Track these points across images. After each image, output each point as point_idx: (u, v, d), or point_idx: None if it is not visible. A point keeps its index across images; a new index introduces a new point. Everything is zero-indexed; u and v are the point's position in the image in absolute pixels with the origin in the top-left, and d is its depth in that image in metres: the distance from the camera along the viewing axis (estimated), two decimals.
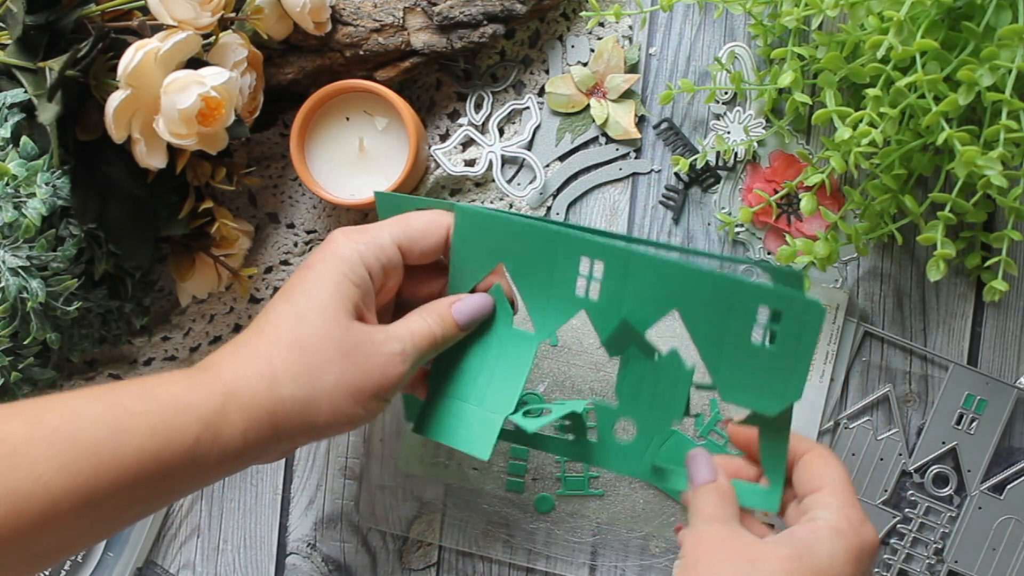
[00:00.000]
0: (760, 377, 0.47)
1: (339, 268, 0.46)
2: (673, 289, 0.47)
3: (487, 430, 0.49)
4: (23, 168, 0.51)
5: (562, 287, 0.49)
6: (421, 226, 0.49)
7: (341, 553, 0.62)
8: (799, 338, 0.46)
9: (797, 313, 0.46)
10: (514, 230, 0.49)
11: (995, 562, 0.58)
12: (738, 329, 0.47)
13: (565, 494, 0.60)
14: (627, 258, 0.47)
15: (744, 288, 0.46)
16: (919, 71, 0.47)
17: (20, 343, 0.52)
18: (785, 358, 0.46)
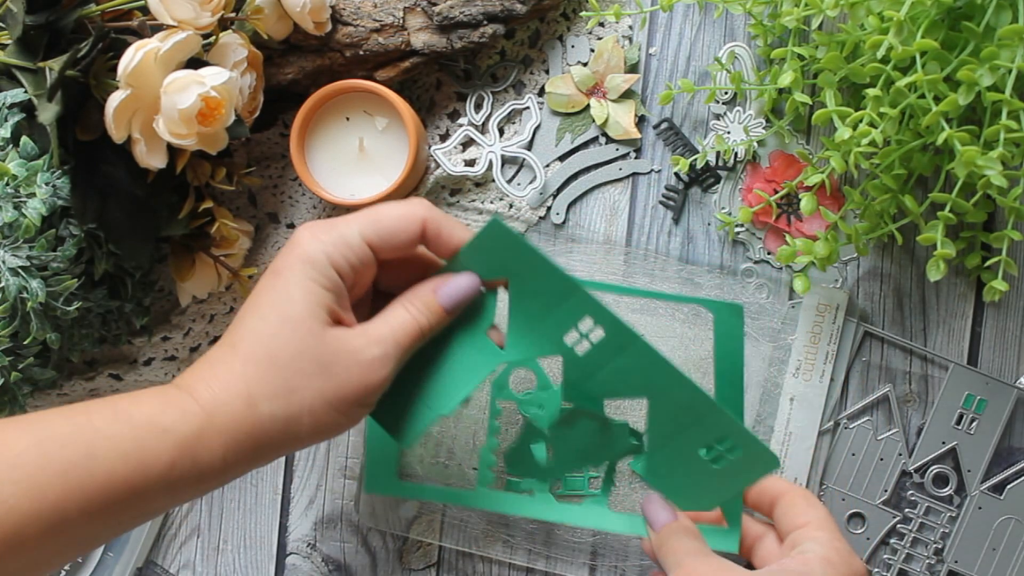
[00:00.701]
0: (689, 482, 0.51)
1: (307, 273, 0.44)
2: (657, 383, 0.49)
3: (416, 421, 0.49)
4: (23, 168, 0.51)
5: (553, 329, 0.49)
6: (392, 221, 0.46)
7: (341, 553, 0.62)
8: (741, 476, 0.50)
9: (753, 459, 0.49)
10: (535, 261, 0.47)
11: (995, 562, 0.58)
12: (692, 439, 0.50)
13: (565, 494, 0.60)
14: (631, 340, 0.48)
15: (722, 417, 0.48)
16: (919, 71, 0.47)
17: (20, 343, 0.52)
18: (719, 482, 0.50)
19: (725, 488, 0.51)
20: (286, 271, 0.44)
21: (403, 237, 0.46)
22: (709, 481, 0.50)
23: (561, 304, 0.48)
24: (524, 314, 0.49)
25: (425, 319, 0.46)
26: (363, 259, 0.45)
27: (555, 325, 0.49)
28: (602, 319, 0.48)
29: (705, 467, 0.50)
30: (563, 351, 0.49)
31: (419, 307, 0.46)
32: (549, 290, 0.48)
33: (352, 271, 0.45)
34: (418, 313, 0.46)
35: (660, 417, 0.51)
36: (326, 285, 0.44)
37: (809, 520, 0.48)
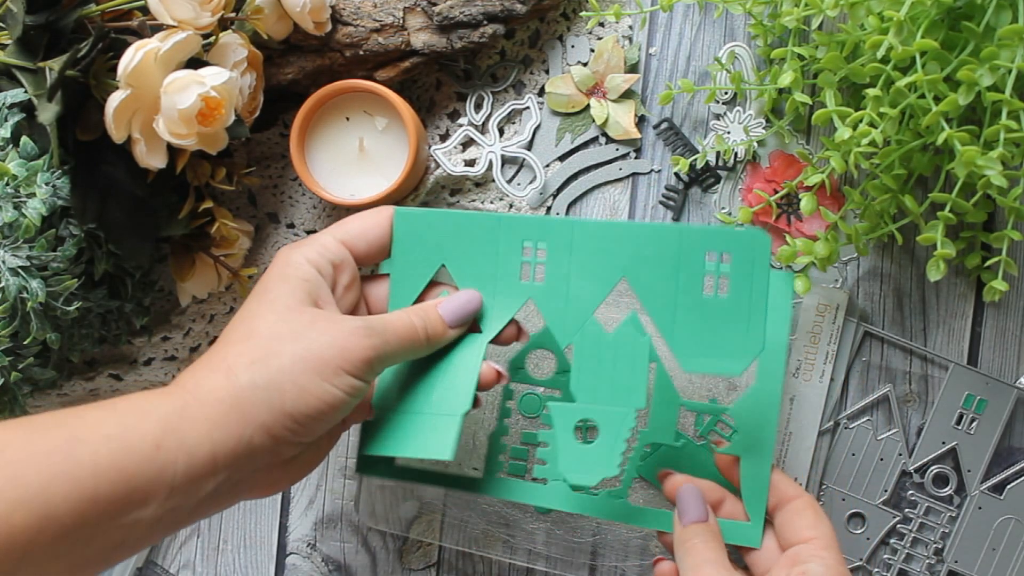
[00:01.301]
0: (719, 334, 0.46)
1: (284, 271, 0.46)
2: (619, 252, 0.47)
3: (446, 431, 0.47)
4: (23, 168, 0.51)
5: (506, 279, 0.48)
6: (361, 222, 0.49)
7: (341, 553, 0.62)
8: (751, 276, 0.46)
9: (744, 247, 0.45)
10: (454, 224, 0.48)
11: (995, 562, 0.58)
12: (689, 284, 0.46)
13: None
14: (570, 228, 0.47)
15: (687, 234, 0.46)
16: (919, 71, 0.47)
17: (20, 343, 0.52)
18: (741, 303, 0.46)
19: (754, 307, 0.46)
20: (267, 275, 0.47)
21: (373, 234, 0.49)
22: (736, 314, 0.46)
23: (497, 248, 0.48)
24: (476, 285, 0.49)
25: (420, 321, 0.47)
26: (339, 255, 0.48)
27: (506, 274, 0.48)
28: (535, 231, 0.47)
29: (721, 305, 0.46)
30: (528, 292, 0.48)
31: (417, 312, 0.48)
32: (480, 242, 0.48)
33: (329, 266, 0.47)
34: (415, 316, 0.47)
35: (649, 289, 0.47)
36: (304, 277, 0.46)
37: (816, 536, 0.47)
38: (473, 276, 0.49)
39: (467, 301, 0.49)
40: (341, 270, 0.48)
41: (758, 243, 0.46)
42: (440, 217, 0.49)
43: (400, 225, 0.49)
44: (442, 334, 0.48)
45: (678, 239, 0.46)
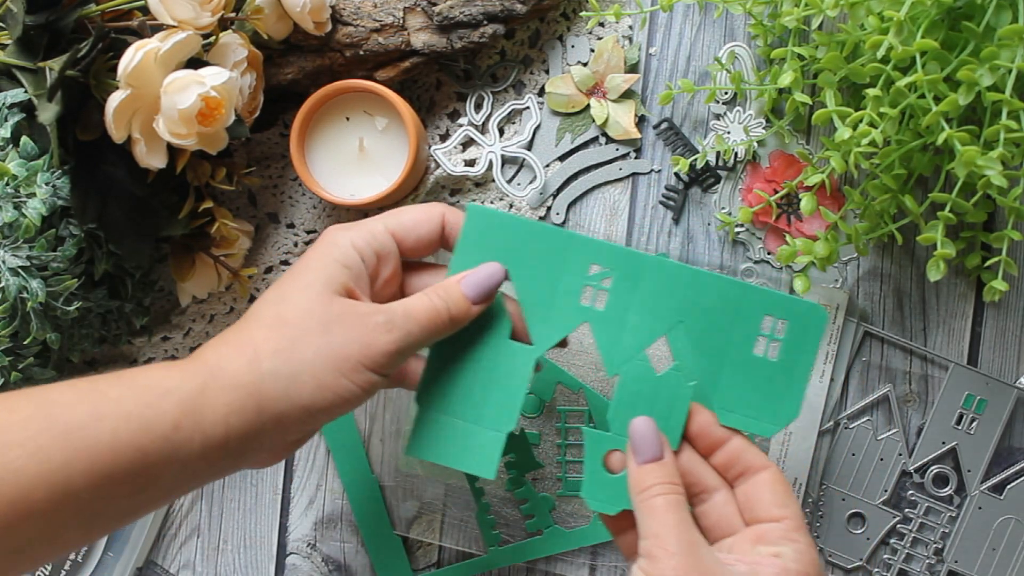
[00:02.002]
0: (758, 394, 0.47)
1: (328, 252, 0.45)
2: (681, 296, 0.47)
3: (490, 448, 0.47)
4: (23, 168, 0.51)
5: (567, 297, 0.48)
6: (414, 215, 0.48)
7: (341, 553, 0.62)
8: (802, 346, 0.47)
9: (802, 318, 0.47)
10: (526, 231, 0.48)
11: (995, 562, 0.58)
12: (741, 340, 0.47)
13: (565, 495, 0.60)
14: (641, 263, 0.47)
15: (751, 293, 0.47)
16: (919, 71, 0.47)
17: (20, 343, 0.52)
18: (787, 370, 0.47)
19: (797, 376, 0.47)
20: (310, 252, 0.46)
21: (424, 229, 0.48)
22: (779, 379, 0.47)
23: (564, 265, 0.48)
24: (536, 297, 0.48)
25: (443, 303, 0.46)
26: (385, 246, 0.47)
27: (567, 292, 0.48)
28: (605, 257, 0.48)
29: (767, 367, 0.47)
30: (586, 315, 0.48)
31: (439, 292, 0.46)
32: (548, 255, 0.48)
33: (374, 255, 0.46)
34: (436, 298, 0.46)
35: (702, 336, 0.47)
36: (345, 263, 0.45)
37: (786, 516, 0.44)
38: (533, 285, 0.48)
39: (489, 275, 0.47)
40: (385, 261, 0.47)
41: (816, 317, 0.47)
42: (514, 222, 0.48)
43: (472, 221, 0.48)
44: (466, 312, 0.47)
45: (741, 296, 0.47)
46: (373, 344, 0.43)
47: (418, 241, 0.48)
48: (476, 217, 0.48)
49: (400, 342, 0.44)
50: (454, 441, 0.48)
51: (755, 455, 0.46)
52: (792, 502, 0.45)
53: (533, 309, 0.48)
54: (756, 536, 0.44)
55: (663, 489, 0.44)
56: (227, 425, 0.41)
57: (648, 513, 0.43)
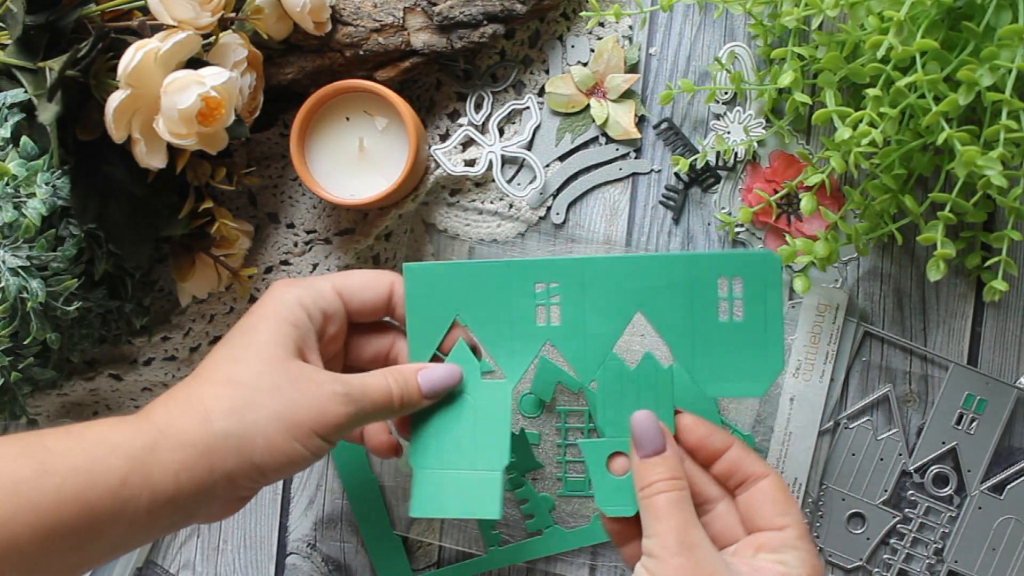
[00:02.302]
0: (738, 358, 0.47)
1: (277, 310, 0.46)
2: (631, 286, 0.47)
3: (490, 489, 0.48)
4: (23, 168, 0.51)
5: (523, 323, 0.48)
6: (363, 279, 0.49)
7: (341, 553, 0.62)
8: (764, 297, 0.46)
9: (755, 270, 0.46)
10: (464, 274, 0.49)
11: (995, 562, 0.58)
12: (703, 310, 0.47)
13: (565, 495, 0.60)
14: (580, 267, 0.48)
15: (696, 261, 0.47)
16: (919, 71, 0.47)
17: (20, 343, 0.52)
18: (756, 325, 0.46)
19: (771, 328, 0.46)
20: (258, 310, 0.46)
21: (370, 294, 0.49)
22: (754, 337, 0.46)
23: (511, 293, 0.48)
24: (494, 333, 0.49)
25: (398, 389, 0.47)
26: (332, 305, 0.48)
27: (521, 318, 0.48)
28: (545, 272, 0.48)
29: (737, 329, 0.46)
30: (545, 334, 0.48)
31: (396, 377, 0.47)
32: (493, 289, 0.48)
33: (321, 315, 0.47)
34: (393, 383, 0.47)
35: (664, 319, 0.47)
36: (294, 322, 0.46)
37: (789, 523, 0.44)
38: (488, 323, 0.49)
39: (447, 376, 0.48)
40: (331, 320, 0.48)
41: (768, 264, 0.46)
42: (449, 269, 0.49)
43: (411, 280, 0.49)
44: (416, 403, 0.48)
45: (687, 267, 0.47)
46: (327, 414, 0.44)
47: (363, 305, 0.49)
48: (413, 276, 0.49)
49: (351, 417, 0.45)
50: (454, 491, 0.48)
51: (754, 462, 0.46)
52: (793, 510, 0.45)
53: (496, 345, 0.49)
54: (758, 544, 0.44)
55: (666, 486, 0.44)
56: (177, 483, 0.40)
57: (651, 511, 0.44)
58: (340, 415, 0.44)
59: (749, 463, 0.46)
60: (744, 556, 0.44)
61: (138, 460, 0.40)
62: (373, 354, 0.52)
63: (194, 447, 0.41)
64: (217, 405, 0.42)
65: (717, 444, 0.46)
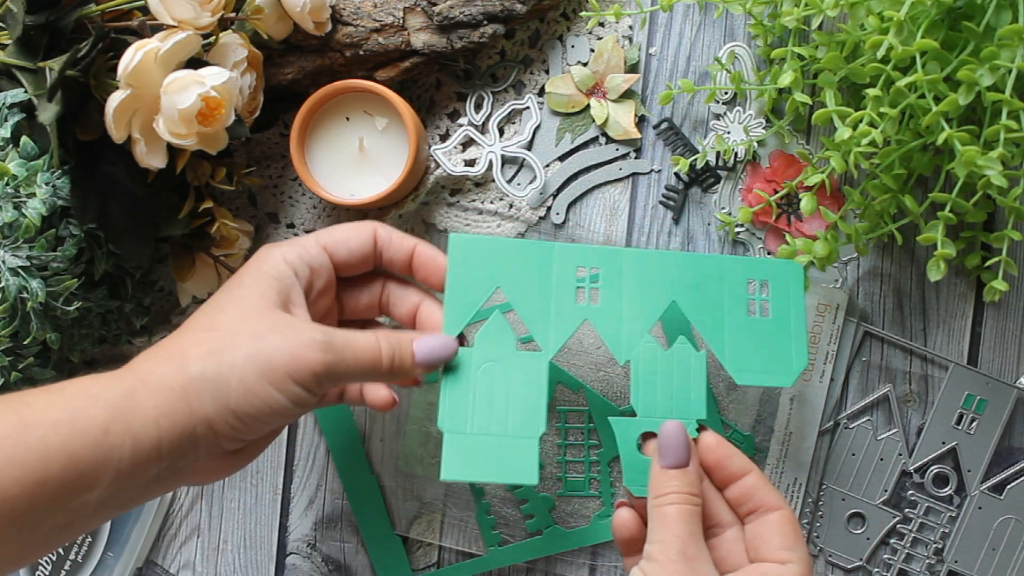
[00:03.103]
0: (765, 350, 0.50)
1: (261, 267, 0.46)
2: (667, 278, 0.51)
3: (526, 455, 0.48)
4: (23, 168, 0.51)
5: (563, 301, 0.50)
6: (345, 230, 0.49)
7: (341, 553, 0.62)
8: (788, 299, 0.51)
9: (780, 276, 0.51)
10: (509, 250, 0.50)
11: (995, 562, 0.58)
12: (733, 306, 0.51)
13: (565, 495, 0.60)
14: (619, 256, 0.51)
15: (728, 263, 0.51)
16: (919, 71, 0.47)
17: (20, 343, 0.52)
18: (782, 324, 0.51)
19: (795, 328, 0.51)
20: (243, 269, 0.47)
21: (355, 243, 0.49)
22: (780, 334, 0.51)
23: (550, 274, 0.50)
24: (533, 308, 0.50)
25: (388, 351, 0.46)
26: (317, 259, 0.47)
27: (562, 297, 0.50)
28: (589, 258, 0.51)
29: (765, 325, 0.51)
30: (584, 313, 0.50)
31: (390, 339, 0.46)
32: (535, 268, 0.50)
33: (307, 268, 0.47)
34: (385, 343, 0.46)
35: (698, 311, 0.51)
36: (278, 276, 0.45)
37: (793, 560, 0.44)
38: (528, 297, 0.50)
39: (443, 346, 0.48)
40: (318, 274, 0.48)
41: (791, 271, 0.52)
42: (495, 243, 0.51)
43: (455, 250, 0.50)
44: (409, 369, 0.47)
45: (720, 268, 0.51)
46: (302, 358, 0.43)
47: (350, 255, 0.48)
48: (459, 246, 0.50)
49: (330, 365, 0.43)
50: (489, 456, 0.48)
51: (770, 493, 0.46)
52: (799, 546, 0.45)
53: (534, 318, 0.50)
54: (759, 574, 0.44)
55: (679, 499, 0.44)
56: (158, 427, 0.40)
57: (659, 519, 0.44)
58: (316, 361, 0.43)
59: (765, 493, 0.46)
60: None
61: (118, 407, 0.40)
62: (367, 304, 0.51)
63: (171, 391, 0.41)
64: (194, 350, 0.42)
65: (735, 468, 0.47)
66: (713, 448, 0.47)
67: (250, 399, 0.42)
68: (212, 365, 0.42)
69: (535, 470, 0.48)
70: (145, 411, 0.40)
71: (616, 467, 0.60)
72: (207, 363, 0.42)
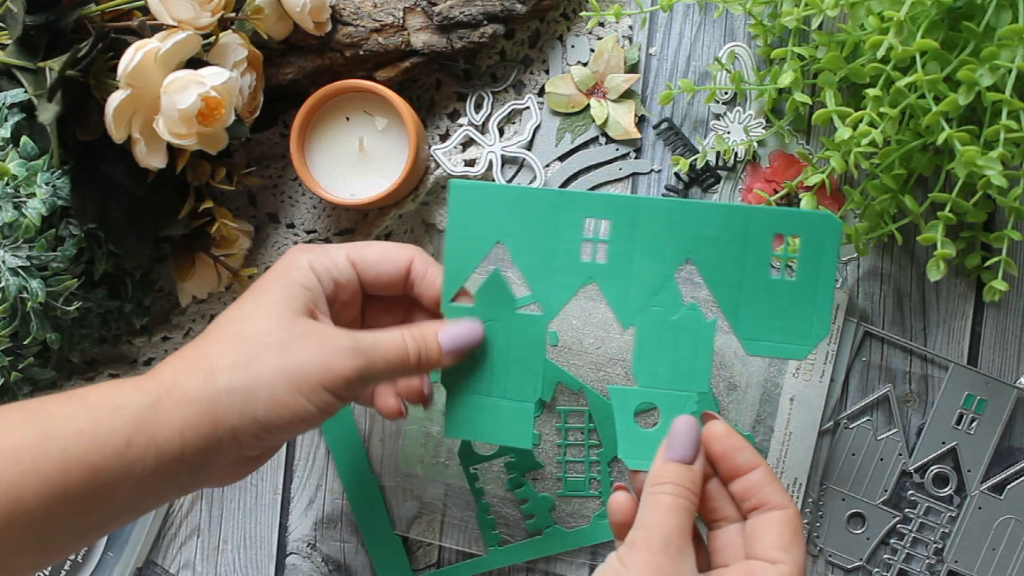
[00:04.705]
0: (783, 317, 0.46)
1: (288, 273, 0.45)
2: (684, 232, 0.46)
3: (522, 420, 0.47)
4: (23, 168, 0.51)
5: (567, 257, 0.47)
6: (382, 250, 0.48)
7: (341, 553, 0.62)
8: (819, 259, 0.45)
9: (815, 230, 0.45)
10: (514, 197, 0.47)
11: (995, 562, 0.58)
12: (755, 265, 0.46)
13: (565, 495, 0.60)
14: (635, 207, 0.46)
15: (756, 214, 0.46)
16: (919, 71, 0.47)
17: (20, 343, 0.52)
18: (808, 286, 0.46)
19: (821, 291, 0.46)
20: (270, 273, 0.46)
21: (386, 267, 0.48)
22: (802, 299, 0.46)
23: (559, 225, 0.47)
24: (535, 263, 0.47)
25: (414, 346, 0.46)
26: (345, 274, 0.47)
27: (566, 252, 0.47)
28: (599, 208, 0.47)
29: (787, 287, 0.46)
30: (589, 271, 0.47)
31: (414, 334, 0.46)
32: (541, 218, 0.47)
33: (332, 281, 0.46)
34: (410, 338, 0.46)
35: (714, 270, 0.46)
36: (304, 284, 0.45)
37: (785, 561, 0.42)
38: (531, 252, 0.47)
39: (469, 333, 0.47)
40: (343, 288, 0.47)
41: (829, 226, 0.46)
42: (499, 191, 0.47)
43: (456, 198, 0.47)
44: (436, 363, 0.47)
45: (745, 220, 0.46)
46: (334, 367, 0.42)
47: (378, 277, 0.48)
48: (460, 193, 0.47)
49: (361, 370, 0.43)
50: (486, 417, 0.48)
51: (776, 491, 0.44)
52: (796, 548, 0.43)
53: (535, 276, 0.47)
54: (747, 572, 0.42)
55: (676, 490, 0.43)
56: (182, 440, 0.40)
57: (651, 506, 0.43)
58: (348, 368, 0.43)
59: (771, 490, 0.44)
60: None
61: (142, 420, 0.39)
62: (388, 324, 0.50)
63: (198, 403, 0.40)
64: (222, 361, 0.42)
65: (742, 461, 0.45)
66: (721, 438, 0.45)
67: (279, 410, 0.42)
68: (239, 378, 0.41)
69: (529, 435, 0.47)
70: (169, 423, 0.40)
71: (616, 467, 0.60)
72: (234, 375, 0.41)
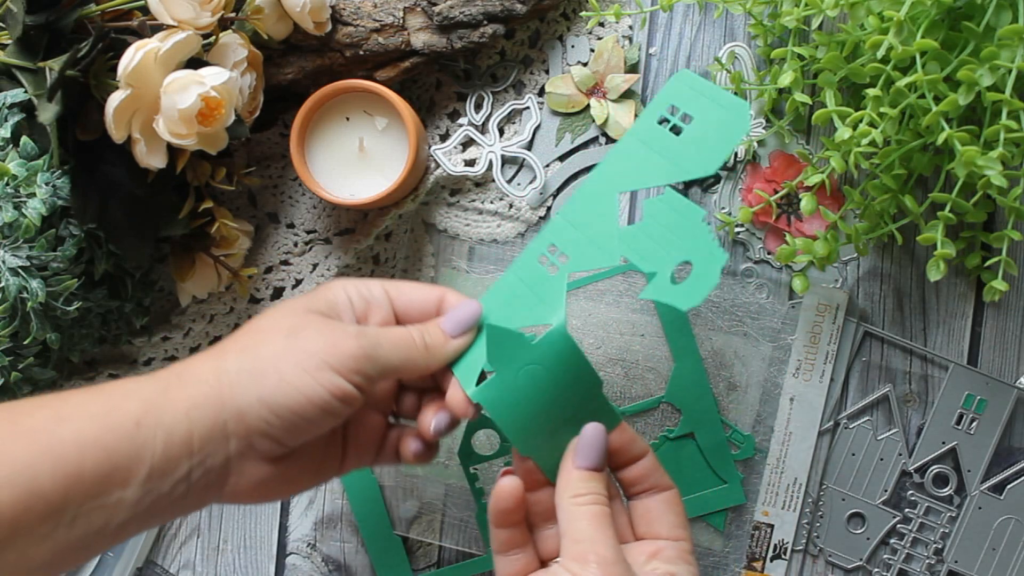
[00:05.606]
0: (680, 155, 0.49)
1: (317, 289, 0.47)
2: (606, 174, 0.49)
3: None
4: (23, 168, 0.51)
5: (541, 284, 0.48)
6: (417, 288, 0.49)
7: (341, 553, 0.62)
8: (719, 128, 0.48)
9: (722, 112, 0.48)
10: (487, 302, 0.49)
11: (995, 562, 0.58)
12: None
13: None
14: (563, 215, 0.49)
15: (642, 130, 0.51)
16: (919, 71, 0.47)
17: (20, 343, 0.52)
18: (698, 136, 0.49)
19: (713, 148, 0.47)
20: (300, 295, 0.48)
21: (418, 295, 0.49)
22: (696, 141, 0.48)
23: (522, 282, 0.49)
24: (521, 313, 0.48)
25: (420, 336, 0.47)
26: (377, 298, 0.48)
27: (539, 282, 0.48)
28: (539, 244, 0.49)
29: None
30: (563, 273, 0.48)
31: (419, 326, 0.47)
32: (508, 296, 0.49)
33: (363, 301, 0.47)
34: (413, 328, 0.47)
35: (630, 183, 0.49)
36: (329, 298, 0.46)
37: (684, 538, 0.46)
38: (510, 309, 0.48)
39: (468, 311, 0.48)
40: (374, 308, 0.48)
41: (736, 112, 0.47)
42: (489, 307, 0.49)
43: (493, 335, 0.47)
44: (443, 343, 0.47)
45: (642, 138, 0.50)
46: (339, 344, 0.43)
47: (409, 304, 0.49)
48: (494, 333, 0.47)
49: (367, 348, 0.44)
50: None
51: (663, 475, 0.48)
52: (688, 526, 0.47)
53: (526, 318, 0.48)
54: (653, 551, 0.45)
55: (598, 499, 0.45)
56: (189, 419, 0.40)
57: (583, 518, 0.44)
58: (353, 345, 0.43)
59: (660, 474, 0.47)
60: (637, 559, 0.45)
61: (151, 401, 0.40)
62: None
63: (205, 383, 0.41)
64: (231, 346, 0.44)
65: (636, 451, 0.47)
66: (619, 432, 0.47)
67: (286, 388, 0.42)
68: (247, 358, 0.43)
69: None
70: (176, 404, 0.41)
71: None
72: (242, 357, 0.43)
